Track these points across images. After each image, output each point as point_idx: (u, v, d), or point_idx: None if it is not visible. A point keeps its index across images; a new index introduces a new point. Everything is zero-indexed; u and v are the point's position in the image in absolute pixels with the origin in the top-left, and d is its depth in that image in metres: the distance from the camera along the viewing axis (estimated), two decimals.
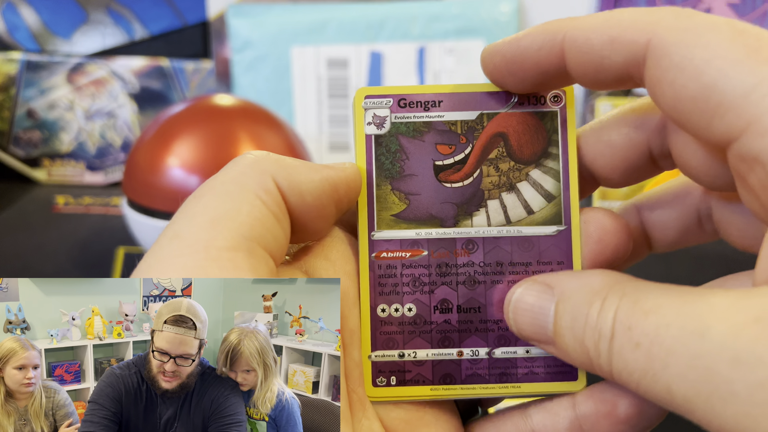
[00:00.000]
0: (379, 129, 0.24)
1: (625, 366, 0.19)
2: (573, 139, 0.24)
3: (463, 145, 0.24)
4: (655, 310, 0.18)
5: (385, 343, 0.24)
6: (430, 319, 0.24)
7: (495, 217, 0.24)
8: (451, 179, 0.24)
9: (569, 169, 0.24)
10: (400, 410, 0.24)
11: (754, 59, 0.18)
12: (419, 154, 0.24)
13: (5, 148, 0.78)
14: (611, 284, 0.20)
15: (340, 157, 0.76)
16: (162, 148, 0.52)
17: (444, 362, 0.24)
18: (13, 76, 0.77)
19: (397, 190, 0.24)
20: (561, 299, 0.21)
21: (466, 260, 0.24)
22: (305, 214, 0.22)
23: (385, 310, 0.24)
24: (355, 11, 0.75)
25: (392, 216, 0.24)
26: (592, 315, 0.20)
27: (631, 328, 0.18)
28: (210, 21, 0.78)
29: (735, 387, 0.16)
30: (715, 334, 0.17)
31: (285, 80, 0.75)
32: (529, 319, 0.22)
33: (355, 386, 0.23)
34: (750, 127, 0.18)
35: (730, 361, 0.16)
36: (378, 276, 0.24)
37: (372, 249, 0.24)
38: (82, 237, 0.65)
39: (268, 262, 0.21)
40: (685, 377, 0.17)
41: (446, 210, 0.24)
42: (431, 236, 0.24)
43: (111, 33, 0.77)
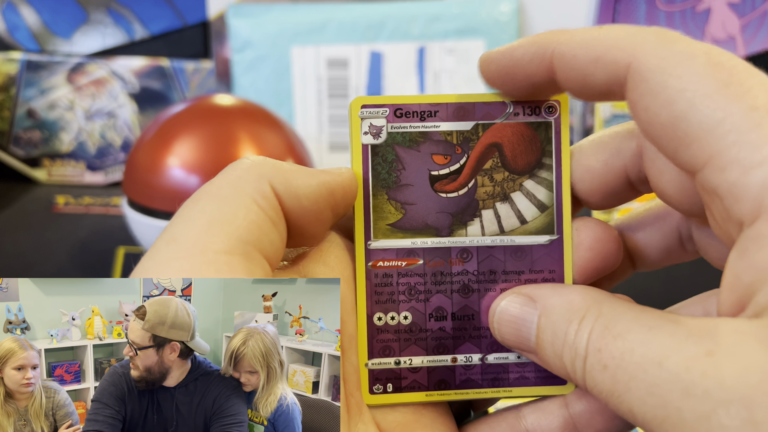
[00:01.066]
0: (375, 139, 0.24)
1: (595, 385, 0.20)
2: (567, 149, 0.24)
3: (458, 156, 0.24)
4: (623, 335, 0.19)
5: (381, 351, 0.24)
6: (425, 327, 0.24)
7: (489, 227, 0.24)
8: (446, 189, 0.24)
9: (562, 180, 0.24)
10: (397, 414, 0.24)
11: (723, 94, 0.18)
12: (415, 164, 0.24)
13: (5, 148, 0.78)
14: (590, 304, 0.21)
15: (340, 157, 0.76)
16: (162, 148, 0.52)
17: (439, 368, 0.24)
18: (14, 76, 0.77)
19: (393, 199, 0.24)
20: (543, 313, 0.22)
21: (461, 269, 0.24)
22: (302, 218, 0.22)
23: (382, 318, 0.24)
24: (355, 11, 0.75)
25: (388, 225, 0.24)
26: (570, 333, 0.21)
27: (600, 351, 0.19)
28: (210, 21, 0.78)
29: (684, 415, 0.17)
30: (671, 365, 0.17)
31: (285, 80, 0.75)
32: (513, 329, 0.23)
33: (353, 390, 0.24)
34: (711, 160, 0.18)
35: (681, 392, 0.17)
36: (374, 285, 0.24)
37: (368, 258, 0.24)
38: (82, 237, 0.65)
39: (264, 265, 0.21)
40: (644, 402, 0.18)
41: (441, 219, 0.24)
42: (427, 245, 0.24)
43: (111, 33, 0.77)
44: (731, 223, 0.19)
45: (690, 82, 0.19)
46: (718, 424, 0.16)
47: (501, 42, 0.76)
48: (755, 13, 0.77)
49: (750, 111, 0.18)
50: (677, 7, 0.77)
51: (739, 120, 0.18)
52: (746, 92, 0.18)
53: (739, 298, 0.18)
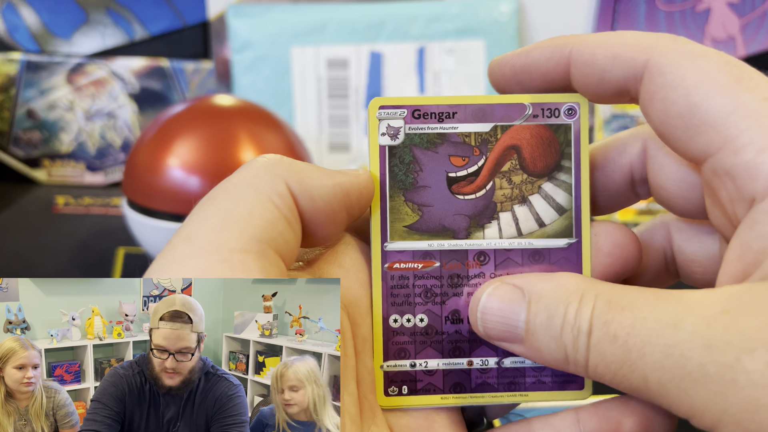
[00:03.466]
0: (393, 140, 0.24)
1: (602, 359, 0.20)
2: (586, 152, 0.24)
3: (476, 158, 0.24)
4: (631, 305, 0.20)
5: (397, 353, 0.24)
6: (441, 330, 0.24)
7: (507, 230, 0.24)
8: (464, 191, 0.24)
9: (581, 183, 0.24)
10: (409, 418, 0.24)
11: (737, 87, 0.20)
12: (433, 166, 0.24)
13: (5, 148, 0.78)
14: (584, 285, 0.21)
15: (340, 157, 0.76)
16: (162, 149, 0.52)
17: (454, 372, 0.24)
18: (13, 76, 0.77)
19: (410, 201, 0.24)
20: (533, 300, 0.22)
21: (478, 272, 0.24)
22: (316, 218, 0.22)
23: (398, 320, 0.24)
24: (355, 11, 0.75)
25: (405, 227, 0.24)
26: (570, 313, 0.21)
27: (608, 323, 0.20)
28: (210, 21, 0.78)
29: (706, 369, 0.18)
30: (688, 325, 0.18)
31: (285, 80, 0.75)
32: (499, 319, 0.23)
33: (367, 393, 0.24)
34: (726, 145, 0.20)
35: (703, 348, 0.18)
36: (390, 287, 0.24)
37: (385, 260, 0.24)
38: (82, 237, 0.65)
39: (279, 265, 0.21)
40: (661, 365, 0.19)
41: (459, 222, 0.24)
42: (443, 248, 0.24)
43: (111, 33, 0.77)
44: (741, 202, 0.20)
45: (706, 75, 0.20)
46: (742, 370, 0.17)
47: (501, 42, 0.76)
48: (755, 13, 0.77)
49: (761, 101, 0.20)
50: (677, 7, 0.77)
51: (752, 108, 0.20)
52: (756, 86, 0.20)
53: (745, 266, 0.20)
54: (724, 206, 0.21)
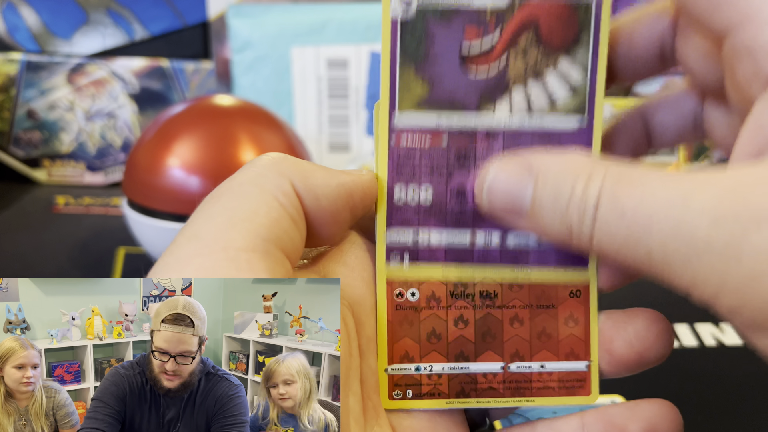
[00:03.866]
0: (405, 13, 0.23)
1: (608, 233, 0.20)
2: (606, 34, 0.23)
3: (491, 32, 0.23)
4: (641, 182, 0.19)
5: (401, 222, 0.24)
6: (446, 204, 0.24)
7: (518, 106, 0.23)
8: (477, 65, 0.23)
9: (598, 63, 0.23)
10: (413, 420, 0.24)
11: None
12: (446, 39, 0.23)
13: (5, 148, 0.78)
14: (594, 163, 0.21)
15: (340, 157, 0.76)
16: (162, 149, 0.52)
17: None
18: (13, 76, 0.77)
19: (420, 74, 0.23)
20: (541, 175, 0.22)
21: (486, 151, 0.24)
22: (320, 218, 0.22)
23: (402, 191, 0.24)
24: (355, 11, 0.75)
25: (415, 101, 0.23)
26: (578, 188, 0.20)
27: (617, 198, 0.20)
28: (210, 21, 0.78)
29: (712, 242, 0.18)
30: (697, 202, 0.18)
31: (285, 80, 0.75)
32: (505, 193, 0.22)
33: (371, 393, 0.23)
34: (746, 21, 0.20)
35: (710, 223, 0.18)
36: (397, 160, 0.24)
37: (392, 131, 0.23)
38: (82, 237, 0.65)
39: (284, 263, 0.21)
40: (666, 240, 0.18)
41: (470, 96, 0.23)
42: (452, 124, 0.23)
43: (111, 33, 0.77)
44: (759, 81, 0.20)
45: None
46: (747, 242, 0.17)
47: None
48: None
49: None
50: None
51: None
52: None
53: (758, 146, 0.20)
54: (741, 85, 0.21)
